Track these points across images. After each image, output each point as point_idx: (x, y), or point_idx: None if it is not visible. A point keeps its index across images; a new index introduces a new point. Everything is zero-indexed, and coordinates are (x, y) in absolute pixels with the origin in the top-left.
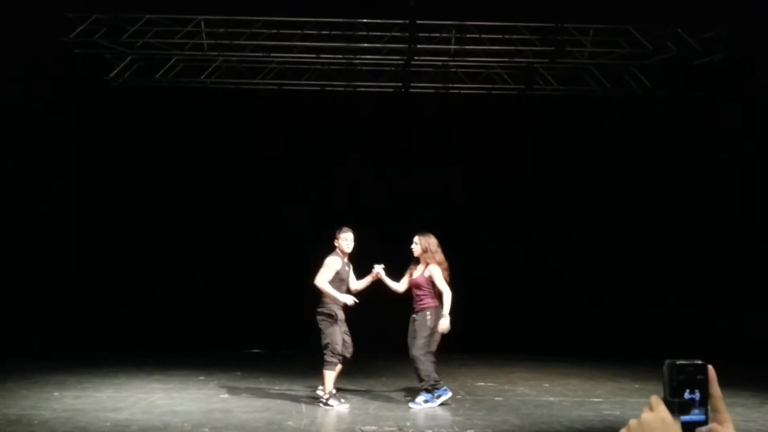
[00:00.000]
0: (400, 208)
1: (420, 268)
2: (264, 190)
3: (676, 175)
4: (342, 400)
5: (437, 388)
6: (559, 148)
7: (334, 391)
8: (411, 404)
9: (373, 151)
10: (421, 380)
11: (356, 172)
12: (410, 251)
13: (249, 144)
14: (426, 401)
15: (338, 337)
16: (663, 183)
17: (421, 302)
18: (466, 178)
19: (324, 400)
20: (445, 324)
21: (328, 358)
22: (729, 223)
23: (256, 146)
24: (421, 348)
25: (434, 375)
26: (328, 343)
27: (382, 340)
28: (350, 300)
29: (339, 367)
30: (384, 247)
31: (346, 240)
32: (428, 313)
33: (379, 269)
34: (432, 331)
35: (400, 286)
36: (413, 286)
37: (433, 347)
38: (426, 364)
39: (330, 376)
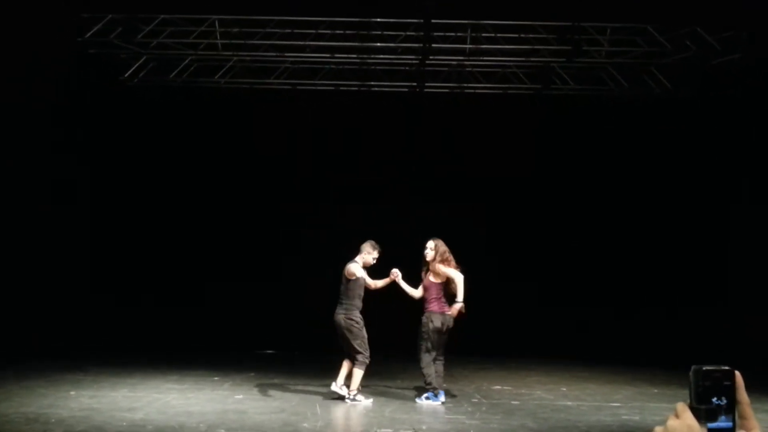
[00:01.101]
0: (412, 210)
1: (431, 272)
2: (277, 188)
3: (692, 175)
4: (368, 395)
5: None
6: (574, 148)
7: (360, 388)
8: (417, 399)
9: (387, 151)
10: (426, 382)
11: (371, 173)
12: (423, 256)
13: (260, 144)
14: (427, 398)
15: (366, 340)
16: (678, 184)
17: (428, 305)
18: (482, 178)
19: (351, 396)
20: (456, 307)
21: (360, 358)
22: (748, 224)
23: (267, 147)
24: (422, 351)
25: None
26: (360, 346)
27: (397, 341)
28: (390, 278)
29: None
30: (395, 247)
31: (375, 258)
32: (432, 317)
33: (397, 273)
34: (431, 334)
35: (417, 291)
36: (423, 288)
37: (434, 351)
38: (428, 367)
39: (359, 374)
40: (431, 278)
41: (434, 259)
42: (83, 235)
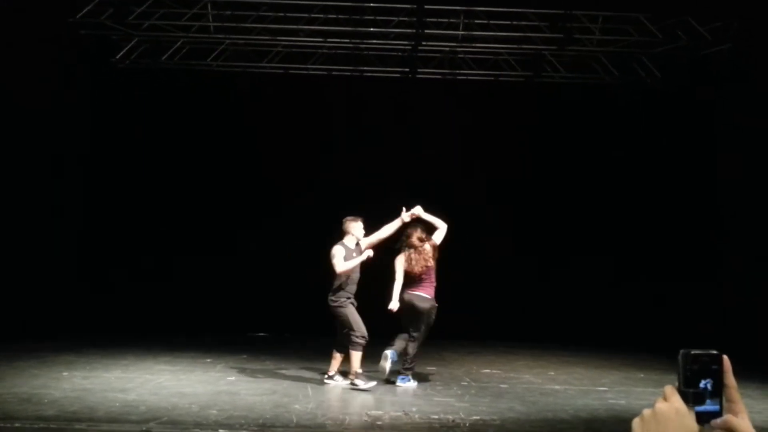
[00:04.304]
0: (405, 193)
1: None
2: (270, 173)
3: (681, 163)
4: (370, 380)
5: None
6: (565, 135)
7: (360, 371)
8: (401, 383)
9: (379, 136)
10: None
11: (361, 157)
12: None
13: (254, 128)
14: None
15: (359, 318)
16: (668, 171)
17: (430, 290)
18: (472, 164)
19: (351, 380)
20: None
21: (354, 338)
22: (735, 212)
23: (261, 130)
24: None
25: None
26: (351, 326)
27: (387, 325)
28: (365, 255)
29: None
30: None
31: (361, 227)
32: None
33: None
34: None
35: (441, 224)
36: (432, 272)
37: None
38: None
39: (357, 356)
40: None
41: (423, 241)
42: (74, 217)
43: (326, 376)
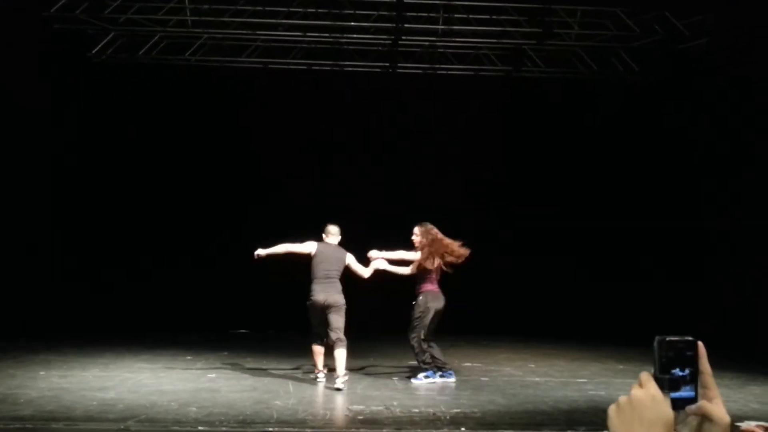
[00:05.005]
0: (387, 189)
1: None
2: (251, 169)
3: (665, 158)
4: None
5: (444, 370)
6: (545, 130)
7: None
8: (413, 380)
9: (359, 131)
10: (424, 361)
11: (344, 153)
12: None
13: (234, 123)
14: (426, 377)
15: None
16: (653, 166)
17: (419, 287)
18: (451, 158)
19: (344, 381)
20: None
21: (341, 339)
22: (715, 205)
23: (241, 125)
24: (413, 331)
25: (439, 359)
26: (342, 328)
27: (370, 320)
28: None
29: None
30: (369, 227)
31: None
32: (420, 297)
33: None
34: (421, 313)
35: (405, 269)
36: (420, 270)
37: (423, 332)
38: (417, 348)
39: (345, 356)
40: (426, 263)
41: (422, 248)
42: (47, 216)
43: (322, 373)
